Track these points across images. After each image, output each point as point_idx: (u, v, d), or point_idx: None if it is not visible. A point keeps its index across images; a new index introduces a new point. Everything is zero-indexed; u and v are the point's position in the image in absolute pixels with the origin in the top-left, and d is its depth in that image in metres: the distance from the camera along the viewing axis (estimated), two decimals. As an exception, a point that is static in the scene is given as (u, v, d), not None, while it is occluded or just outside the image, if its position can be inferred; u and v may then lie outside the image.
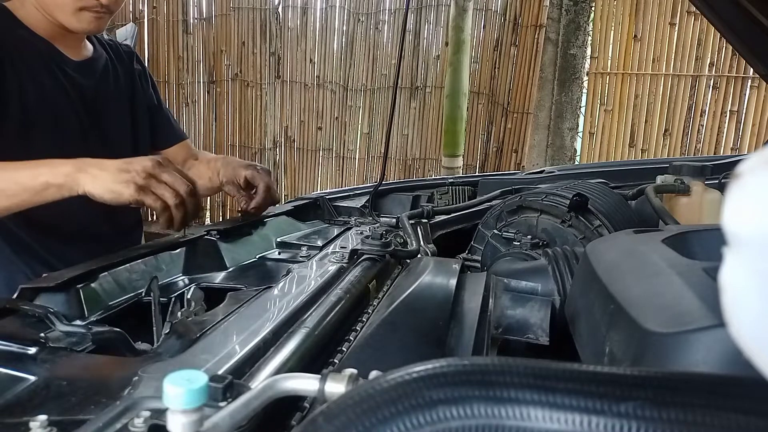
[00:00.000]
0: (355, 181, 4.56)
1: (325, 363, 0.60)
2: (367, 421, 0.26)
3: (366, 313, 0.75)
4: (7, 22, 1.09)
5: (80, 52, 1.19)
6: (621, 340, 0.47)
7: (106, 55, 1.26)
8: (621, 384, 0.26)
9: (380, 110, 4.48)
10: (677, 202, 1.19)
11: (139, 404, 0.44)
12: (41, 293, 0.72)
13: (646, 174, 1.51)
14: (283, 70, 4.64)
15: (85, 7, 1.06)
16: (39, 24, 1.10)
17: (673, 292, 0.46)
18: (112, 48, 1.29)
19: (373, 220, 1.38)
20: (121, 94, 1.26)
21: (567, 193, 1.07)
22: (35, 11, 1.09)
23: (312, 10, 4.51)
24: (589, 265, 0.61)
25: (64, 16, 1.08)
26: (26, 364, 0.56)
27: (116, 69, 1.26)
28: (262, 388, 0.38)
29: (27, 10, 1.10)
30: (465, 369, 0.28)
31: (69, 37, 1.15)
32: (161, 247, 0.94)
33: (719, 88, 3.64)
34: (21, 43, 1.07)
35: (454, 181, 1.69)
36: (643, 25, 3.70)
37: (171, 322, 0.65)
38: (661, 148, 3.79)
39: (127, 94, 1.28)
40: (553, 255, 0.89)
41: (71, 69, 1.15)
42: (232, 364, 0.51)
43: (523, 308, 0.83)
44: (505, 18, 4.08)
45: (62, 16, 1.08)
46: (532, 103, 3.91)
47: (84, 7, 1.07)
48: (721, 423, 0.24)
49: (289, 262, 1.01)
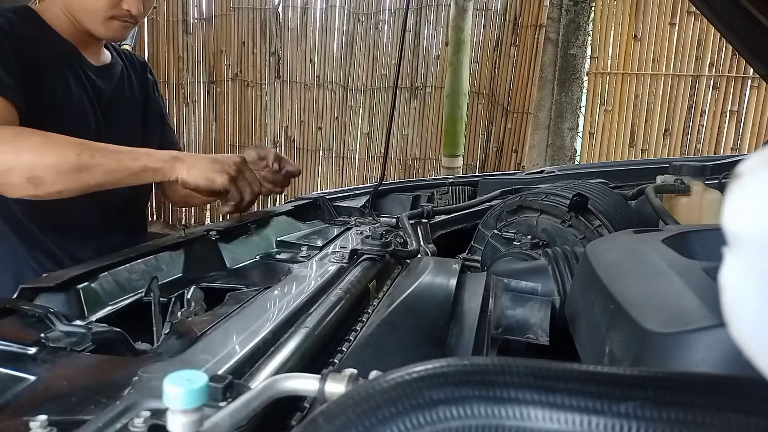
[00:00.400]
0: (355, 181, 4.55)
1: (325, 363, 0.60)
2: (367, 421, 0.26)
3: (366, 313, 0.75)
4: (36, 23, 1.13)
5: (99, 57, 1.25)
6: (621, 340, 0.47)
7: (121, 62, 1.31)
8: (621, 384, 0.26)
9: (380, 110, 4.47)
10: (677, 202, 1.19)
11: (139, 404, 0.44)
12: (41, 293, 0.72)
13: (646, 174, 1.51)
14: (283, 70, 4.64)
15: (114, 16, 1.12)
16: (64, 27, 1.15)
17: (673, 292, 0.46)
18: (127, 57, 1.35)
19: (373, 220, 1.38)
20: (134, 100, 1.32)
21: (567, 193, 1.07)
22: (62, 15, 1.14)
23: (312, 10, 4.51)
24: (589, 265, 0.61)
25: (93, 23, 1.13)
26: (26, 364, 0.56)
27: (130, 77, 1.32)
28: (262, 388, 0.38)
29: (53, 13, 1.14)
30: (465, 369, 0.28)
31: (91, 43, 1.20)
32: (161, 247, 0.94)
33: (719, 88, 3.64)
34: (48, 45, 1.12)
35: (454, 181, 1.69)
36: (643, 25, 3.70)
37: (171, 322, 0.65)
38: (661, 148, 3.79)
39: (140, 102, 1.34)
40: (553, 255, 0.89)
41: (92, 72, 1.20)
42: (232, 364, 0.51)
43: (523, 308, 0.83)
44: (505, 18, 4.08)
45: (91, 24, 1.13)
46: (532, 103, 3.91)
47: (114, 17, 1.12)
48: (721, 423, 0.24)
49: (289, 262, 1.01)
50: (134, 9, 1.12)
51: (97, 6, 1.10)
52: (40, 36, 1.12)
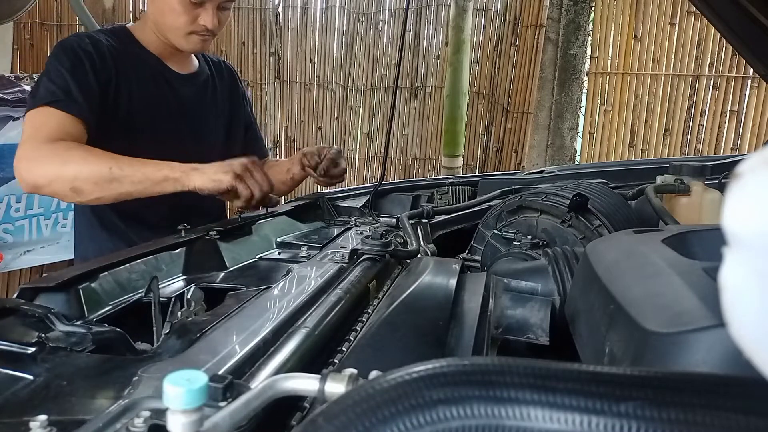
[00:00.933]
0: (355, 181, 4.55)
1: (325, 363, 0.60)
2: (367, 421, 0.26)
3: (366, 313, 0.75)
4: (126, 40, 1.33)
5: (186, 66, 1.42)
6: (621, 340, 0.47)
7: (208, 71, 1.48)
8: (621, 384, 0.26)
9: (380, 110, 4.47)
10: (677, 202, 1.19)
11: (139, 404, 0.44)
12: (41, 293, 0.72)
13: (646, 174, 1.51)
14: (283, 70, 4.64)
15: (194, 31, 1.29)
16: (153, 43, 1.34)
17: (673, 292, 0.46)
18: (215, 65, 1.52)
19: (373, 220, 1.38)
20: (218, 107, 1.47)
21: (567, 193, 1.07)
22: (152, 33, 1.33)
23: (312, 10, 4.51)
24: (589, 265, 0.61)
25: (176, 38, 1.30)
26: (26, 364, 0.56)
27: (215, 84, 1.47)
28: (262, 388, 0.38)
29: (145, 32, 1.34)
30: (465, 369, 0.28)
31: (177, 55, 1.37)
32: (161, 247, 0.94)
33: (719, 88, 3.64)
34: (134, 59, 1.31)
35: (454, 181, 1.69)
36: (643, 25, 3.70)
37: (171, 322, 0.65)
38: (661, 148, 3.79)
39: (225, 108, 1.49)
40: (553, 255, 0.89)
41: (175, 81, 1.37)
42: (232, 364, 0.51)
43: (523, 308, 0.83)
44: (505, 18, 4.08)
45: (174, 38, 1.30)
46: (532, 103, 3.91)
47: (193, 32, 1.29)
48: (721, 423, 0.24)
49: (289, 262, 1.00)
50: (210, 24, 1.28)
51: (178, 24, 1.27)
52: (129, 51, 1.31)
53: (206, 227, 1.08)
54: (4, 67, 3.99)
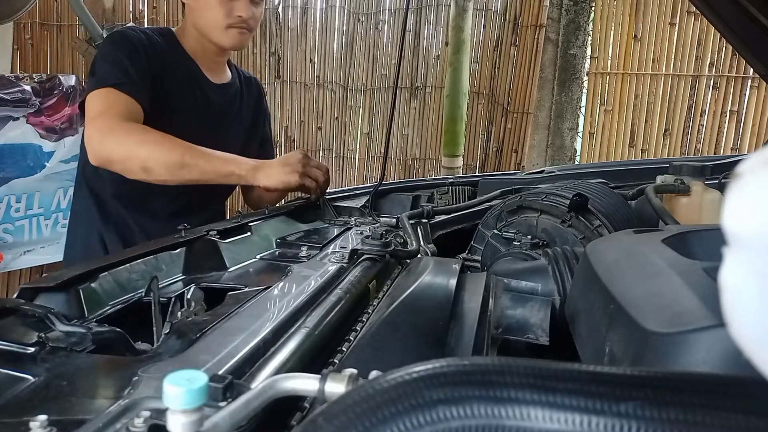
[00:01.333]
0: (355, 181, 4.55)
1: (325, 363, 0.60)
2: (367, 421, 0.26)
3: (366, 313, 0.75)
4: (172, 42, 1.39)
5: (220, 76, 1.48)
6: (621, 340, 0.47)
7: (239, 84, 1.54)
8: (621, 384, 0.26)
9: (380, 110, 4.47)
10: (677, 202, 1.19)
11: (139, 404, 0.44)
12: (41, 293, 0.71)
13: (646, 174, 1.51)
14: (283, 70, 4.64)
15: (231, 24, 1.34)
16: (194, 48, 1.40)
17: (673, 292, 0.46)
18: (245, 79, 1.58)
19: (373, 220, 1.37)
20: (241, 118, 1.53)
21: (567, 193, 1.07)
22: (193, 37, 1.39)
23: (312, 10, 4.50)
24: (589, 265, 0.61)
25: (215, 33, 1.35)
26: (26, 364, 0.56)
27: (242, 97, 1.54)
28: (262, 388, 0.38)
29: (187, 36, 1.40)
30: (465, 369, 0.28)
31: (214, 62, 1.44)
32: (161, 247, 0.94)
33: (719, 88, 3.63)
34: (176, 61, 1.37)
35: (454, 181, 1.69)
36: (643, 25, 3.70)
37: (171, 322, 0.65)
38: (661, 148, 3.79)
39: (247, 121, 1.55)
40: (553, 255, 0.89)
41: (209, 89, 1.43)
42: (232, 364, 0.51)
43: (523, 308, 0.83)
44: (505, 18, 4.08)
45: (214, 34, 1.36)
46: (532, 103, 3.91)
47: (230, 25, 1.34)
48: (721, 423, 0.24)
49: (289, 262, 1.00)
50: (245, 13, 1.33)
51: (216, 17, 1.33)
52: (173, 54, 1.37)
53: (206, 227, 1.08)
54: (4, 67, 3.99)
